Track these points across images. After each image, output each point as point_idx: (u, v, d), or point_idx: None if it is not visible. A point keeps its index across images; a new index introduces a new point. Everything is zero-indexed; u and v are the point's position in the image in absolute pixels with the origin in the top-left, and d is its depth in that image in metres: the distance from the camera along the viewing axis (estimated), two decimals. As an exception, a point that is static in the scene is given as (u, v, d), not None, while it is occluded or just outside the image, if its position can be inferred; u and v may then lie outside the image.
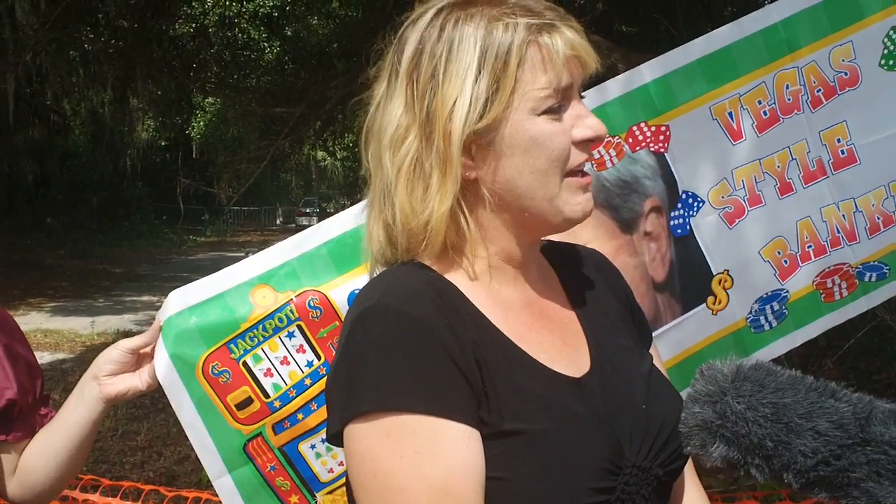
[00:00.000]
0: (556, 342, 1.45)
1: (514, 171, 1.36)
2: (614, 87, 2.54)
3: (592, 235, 2.50)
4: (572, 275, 1.62)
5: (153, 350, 2.12)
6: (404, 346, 1.26)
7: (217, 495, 2.28)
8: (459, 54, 1.33)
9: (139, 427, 8.34)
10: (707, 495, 1.66)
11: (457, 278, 1.42)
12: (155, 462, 7.53)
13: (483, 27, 1.34)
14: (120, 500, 3.26)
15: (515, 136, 1.35)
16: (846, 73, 2.59)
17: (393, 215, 1.40)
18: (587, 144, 1.41)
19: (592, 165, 2.50)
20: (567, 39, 1.36)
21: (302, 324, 2.19)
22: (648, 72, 2.54)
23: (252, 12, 15.91)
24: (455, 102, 1.32)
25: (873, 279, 2.72)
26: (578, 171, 1.41)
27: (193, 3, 14.79)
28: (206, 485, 2.28)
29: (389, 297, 1.33)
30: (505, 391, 1.30)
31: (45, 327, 14.33)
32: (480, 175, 1.39)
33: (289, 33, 15.83)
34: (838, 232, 2.67)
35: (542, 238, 1.55)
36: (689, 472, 1.63)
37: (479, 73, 1.32)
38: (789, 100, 2.59)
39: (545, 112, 1.35)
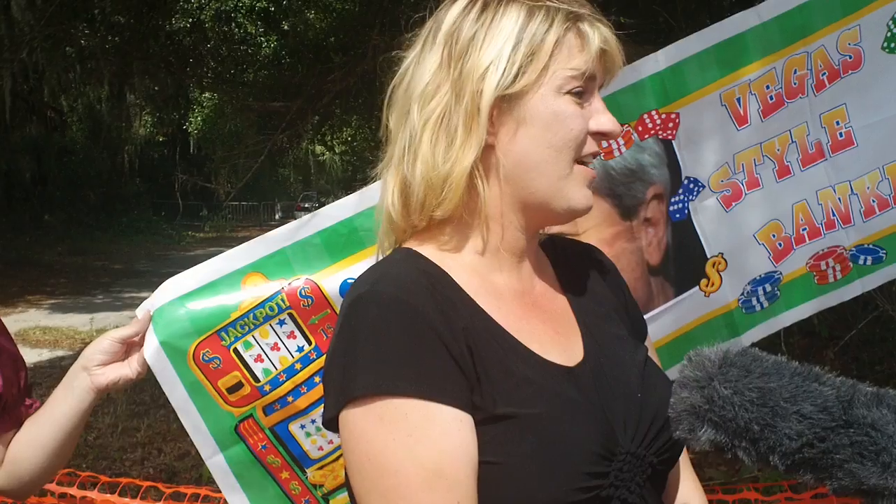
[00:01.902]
0: (549, 332, 1.46)
1: (530, 143, 1.40)
2: (628, 75, 2.51)
3: (593, 223, 2.51)
4: (567, 267, 1.64)
5: (142, 339, 2.12)
6: (397, 332, 1.28)
7: (216, 491, 2.30)
8: (501, 26, 1.38)
9: (139, 423, 8.34)
10: (708, 487, 1.67)
11: (452, 266, 1.43)
12: (155, 459, 7.53)
13: (526, 9, 1.39)
14: (118, 496, 3.26)
15: (539, 108, 1.39)
16: (850, 57, 2.57)
17: (413, 168, 1.42)
18: (600, 137, 1.46)
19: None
20: (602, 34, 1.43)
21: (293, 312, 2.19)
22: (664, 58, 2.52)
23: (248, 7, 15.89)
24: (490, 65, 1.37)
25: (868, 262, 2.72)
26: (588, 162, 1.46)
27: (189, -2, 14.79)
28: (205, 481, 2.29)
29: (383, 284, 1.35)
30: (497, 376, 1.31)
31: (44, 324, 14.35)
32: (498, 141, 1.42)
33: (286, 27, 15.81)
34: (833, 214, 2.67)
35: (541, 231, 1.58)
36: (685, 463, 1.64)
37: (518, 43, 1.37)
38: (795, 84, 2.57)
39: (570, 93, 1.40)
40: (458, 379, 1.28)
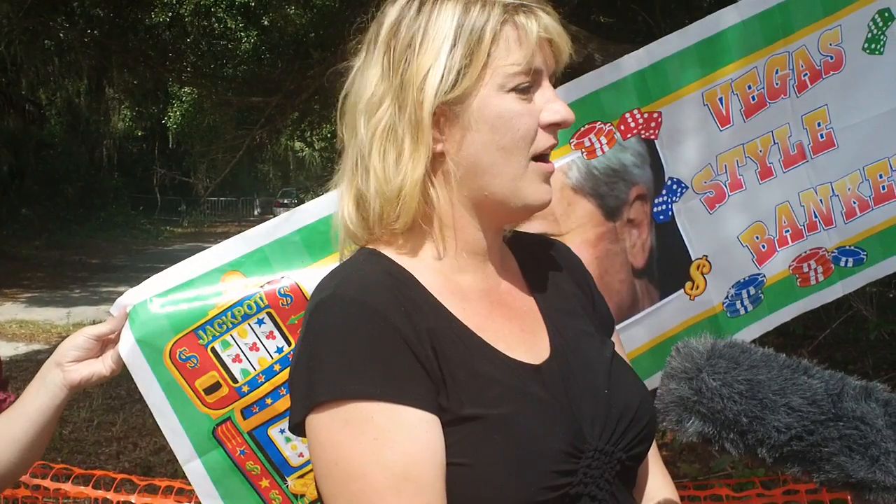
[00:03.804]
0: (514, 330, 1.45)
1: (479, 146, 1.38)
2: (610, 73, 2.51)
3: (576, 224, 2.50)
4: (534, 263, 1.63)
5: (118, 336, 2.10)
6: (360, 335, 1.27)
7: (190, 484, 2.27)
8: (437, 26, 1.36)
9: (115, 418, 8.30)
10: (681, 483, 1.67)
11: (416, 267, 1.42)
12: (131, 453, 7.50)
13: (461, 5, 1.37)
14: (92, 489, 3.24)
15: (483, 111, 1.37)
16: (832, 57, 2.58)
17: (367, 182, 1.40)
18: (554, 129, 1.43)
19: (582, 153, 2.49)
20: (543, 23, 1.39)
21: (272, 311, 2.17)
22: (646, 56, 2.51)
23: (228, 1, 15.83)
24: (429, 71, 1.35)
25: (850, 264, 2.72)
26: (544, 158, 1.43)
27: (169, -8, 14.71)
28: (181, 475, 2.27)
29: (346, 286, 1.34)
30: (463, 377, 1.31)
31: (21, 318, 14.29)
32: (447, 148, 1.40)
33: (265, 23, 15.76)
34: (815, 216, 2.67)
35: (506, 228, 1.57)
36: (654, 457, 1.63)
37: (454, 44, 1.35)
38: (777, 84, 2.57)
39: (514, 90, 1.37)
40: (424, 381, 1.27)
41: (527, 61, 1.37)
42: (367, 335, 1.27)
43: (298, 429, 1.32)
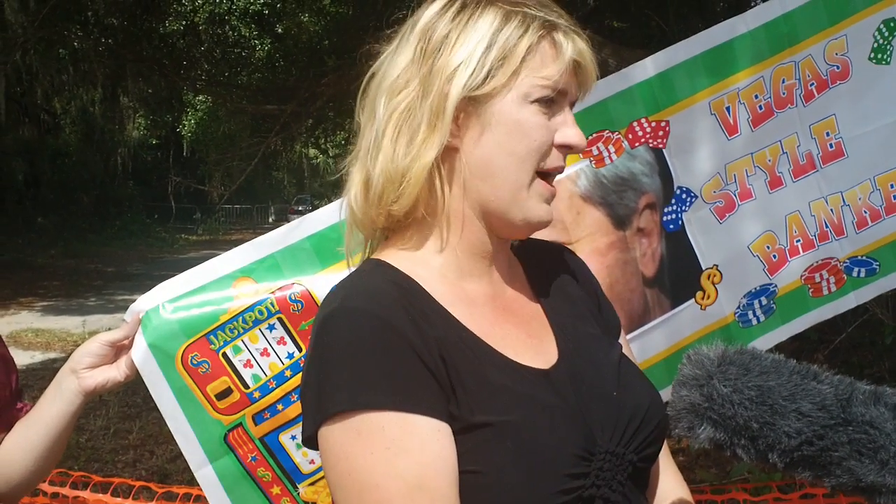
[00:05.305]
0: (521, 336, 1.46)
1: (493, 148, 1.40)
2: (617, 82, 2.53)
3: (586, 232, 2.51)
4: (539, 268, 1.64)
5: (132, 342, 2.12)
6: (370, 346, 1.27)
7: (205, 491, 2.28)
8: (476, 27, 1.39)
9: (131, 426, 8.32)
10: (698, 488, 1.67)
11: (422, 275, 1.43)
12: (147, 461, 7.51)
13: (502, 13, 1.40)
14: (111, 496, 3.26)
15: (503, 115, 1.39)
16: (838, 67, 2.59)
17: (375, 161, 1.42)
18: (565, 150, 1.45)
19: (591, 162, 2.50)
20: (578, 46, 1.42)
21: (283, 316, 2.19)
22: (652, 66, 2.53)
23: (242, 9, 15.89)
24: (460, 65, 1.37)
25: (862, 274, 2.72)
26: (549, 178, 1.45)
27: (183, 1, 14.75)
28: (198, 483, 2.28)
29: (353, 298, 1.35)
30: (472, 385, 1.31)
31: (37, 327, 14.32)
32: (461, 144, 1.42)
33: (279, 31, 15.81)
34: (826, 226, 2.67)
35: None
36: (666, 457, 1.64)
37: (490, 46, 1.37)
38: (784, 94, 2.58)
39: (536, 102, 1.39)
40: (434, 389, 1.28)
41: (557, 78, 1.39)
42: (375, 345, 1.27)
43: (311, 441, 1.32)
